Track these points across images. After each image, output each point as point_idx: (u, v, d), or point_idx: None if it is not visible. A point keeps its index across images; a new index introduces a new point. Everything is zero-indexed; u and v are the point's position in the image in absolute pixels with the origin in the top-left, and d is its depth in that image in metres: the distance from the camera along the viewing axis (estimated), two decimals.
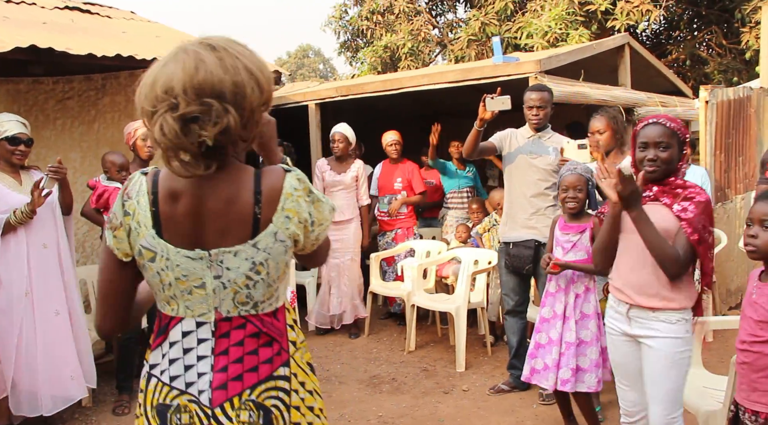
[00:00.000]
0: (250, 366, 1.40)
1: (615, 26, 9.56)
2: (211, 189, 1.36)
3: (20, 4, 5.75)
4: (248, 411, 1.38)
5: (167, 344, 1.42)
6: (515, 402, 3.96)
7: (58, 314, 3.54)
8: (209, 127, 1.27)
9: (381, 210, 5.79)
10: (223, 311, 1.40)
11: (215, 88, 1.27)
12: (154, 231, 1.37)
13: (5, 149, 3.46)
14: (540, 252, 3.85)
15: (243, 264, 1.37)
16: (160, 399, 1.41)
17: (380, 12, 13.00)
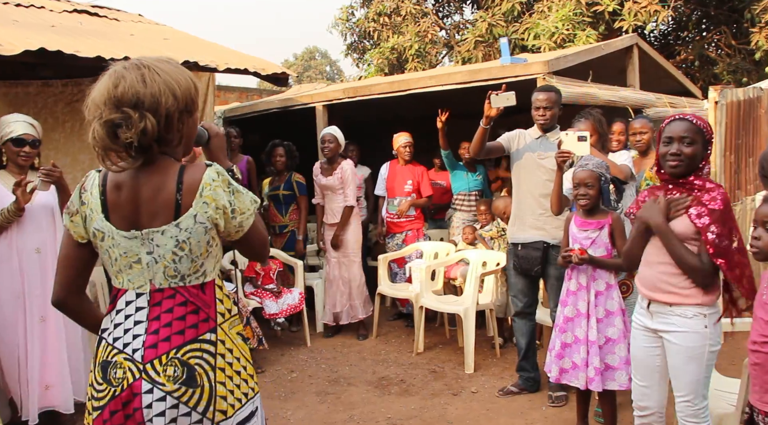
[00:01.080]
0: (178, 329, 1.65)
1: (623, 27, 9.52)
2: (145, 180, 1.66)
3: (29, 7, 5.78)
4: (173, 367, 1.62)
5: (114, 312, 1.70)
6: (524, 404, 3.94)
7: (43, 320, 3.48)
8: (126, 131, 1.57)
9: (389, 211, 5.77)
10: (156, 283, 1.68)
11: (132, 99, 1.57)
12: (103, 216, 1.67)
13: (11, 150, 3.44)
14: (549, 254, 3.84)
15: (169, 242, 1.65)
16: (104, 357, 1.67)
17: (387, 14, 12.99)
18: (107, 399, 1.62)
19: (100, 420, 1.63)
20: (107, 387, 1.63)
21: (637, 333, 2.65)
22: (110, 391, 1.62)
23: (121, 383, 1.62)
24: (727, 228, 2.35)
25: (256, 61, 5.25)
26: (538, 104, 3.84)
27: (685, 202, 2.43)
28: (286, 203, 5.57)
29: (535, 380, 4.10)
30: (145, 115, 1.57)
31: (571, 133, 3.41)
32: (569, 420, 3.60)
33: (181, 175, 1.66)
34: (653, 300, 2.53)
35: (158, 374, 1.61)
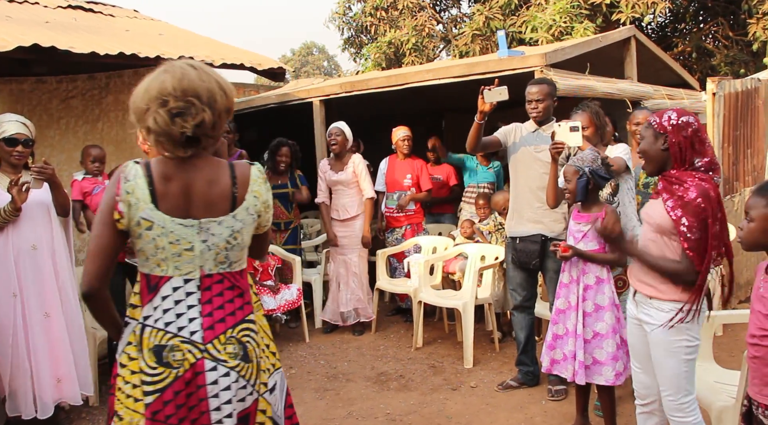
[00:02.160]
0: (229, 311, 1.80)
1: (620, 19, 9.49)
2: (195, 174, 1.78)
3: (23, 3, 5.75)
4: (232, 345, 1.78)
5: (159, 298, 1.76)
6: (524, 398, 3.93)
7: (47, 316, 3.48)
8: (189, 120, 1.69)
9: (388, 206, 5.75)
10: (206, 269, 1.80)
11: (195, 91, 1.70)
12: (153, 206, 1.74)
13: (4, 150, 3.42)
14: (547, 247, 3.83)
15: (225, 231, 1.79)
16: (155, 342, 1.73)
17: (384, 8, 12.94)
18: (169, 380, 1.71)
19: (159, 401, 1.70)
20: (166, 369, 1.72)
21: (629, 322, 2.69)
22: (171, 373, 1.72)
23: (182, 364, 1.72)
24: (700, 220, 2.31)
25: (253, 56, 5.23)
26: (531, 97, 3.83)
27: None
28: (291, 200, 5.55)
29: (534, 374, 4.09)
30: (203, 108, 1.71)
31: (564, 124, 3.40)
32: (569, 413, 3.60)
33: (233, 170, 1.83)
34: (637, 291, 2.57)
35: (219, 352, 1.76)
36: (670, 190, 2.40)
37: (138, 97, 1.73)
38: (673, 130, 2.40)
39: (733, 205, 5.32)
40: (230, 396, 1.75)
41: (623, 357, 3.15)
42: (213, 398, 1.74)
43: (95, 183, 4.00)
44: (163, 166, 1.77)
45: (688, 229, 2.31)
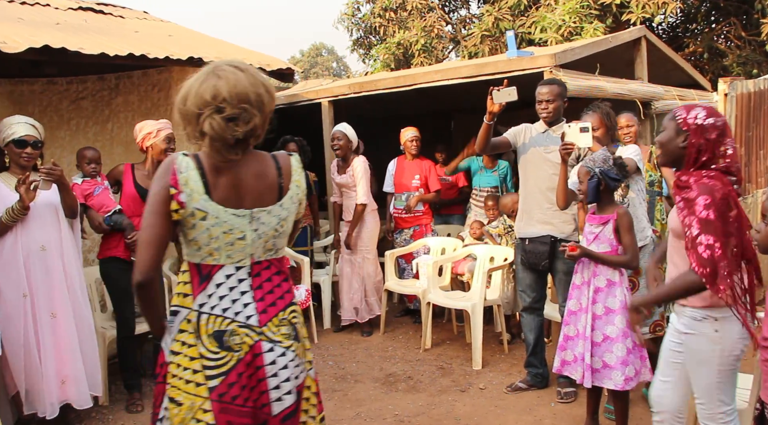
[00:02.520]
0: (279, 295, 1.91)
1: (630, 19, 9.43)
2: (244, 168, 1.87)
3: (35, 5, 5.78)
4: (285, 326, 1.90)
5: (212, 286, 1.84)
6: (533, 400, 3.91)
7: (54, 316, 3.49)
8: (242, 125, 1.78)
9: (396, 207, 5.74)
10: (256, 257, 1.89)
11: (248, 97, 1.78)
12: (207, 197, 1.81)
13: (13, 152, 3.45)
14: (556, 248, 3.81)
15: (273, 220, 1.90)
16: (215, 327, 1.82)
17: (393, 9, 12.94)
18: (232, 363, 1.80)
19: (225, 384, 1.79)
20: (228, 353, 1.81)
21: (669, 330, 2.58)
22: (233, 356, 1.81)
23: (241, 347, 1.82)
24: (698, 219, 2.18)
25: (261, 57, 5.23)
26: (541, 97, 3.81)
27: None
28: None
29: (543, 376, 4.07)
30: (255, 113, 1.79)
31: (574, 125, 3.38)
32: (578, 416, 3.57)
33: (277, 162, 1.94)
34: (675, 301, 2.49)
35: (274, 334, 1.87)
36: (679, 194, 2.36)
37: (189, 100, 1.78)
38: (696, 130, 2.26)
39: (745, 206, 5.27)
40: (288, 375, 1.87)
41: (635, 362, 3.11)
42: (272, 377, 1.84)
43: (95, 184, 4.01)
44: (213, 159, 1.83)
45: (688, 228, 2.21)
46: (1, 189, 3.43)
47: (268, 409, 1.85)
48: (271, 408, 1.85)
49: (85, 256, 4.83)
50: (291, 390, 1.88)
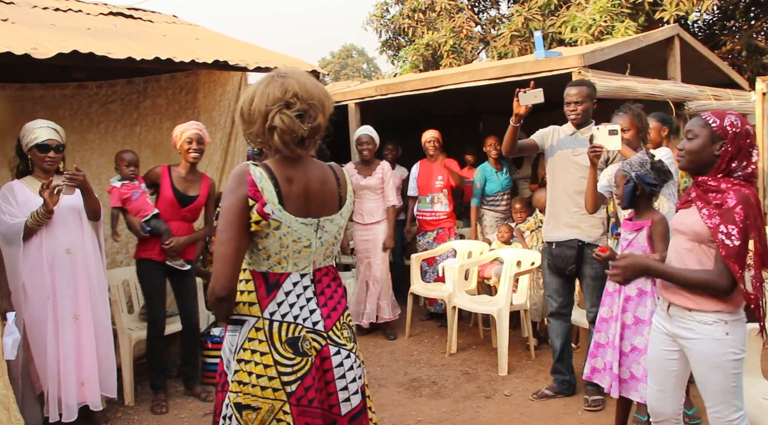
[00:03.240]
0: (337, 299, 2.00)
1: (664, 17, 9.22)
2: (311, 175, 1.94)
3: (67, 11, 5.87)
4: (346, 330, 2.00)
5: (282, 294, 1.90)
6: (559, 408, 3.83)
7: (77, 319, 3.56)
8: (308, 121, 1.86)
9: (421, 209, 5.71)
10: (317, 264, 1.97)
11: (313, 96, 1.87)
12: (281, 206, 1.85)
13: (36, 156, 3.51)
14: (584, 253, 3.73)
15: (334, 228, 1.97)
16: (288, 334, 1.88)
17: (422, 10, 12.89)
18: (307, 368, 1.88)
19: (302, 388, 1.86)
20: (303, 358, 1.88)
21: (655, 336, 2.53)
22: (308, 361, 1.88)
23: (311, 351, 1.90)
24: (740, 227, 2.17)
25: (287, 60, 5.24)
26: (569, 99, 3.73)
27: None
28: None
29: (570, 383, 3.98)
30: (319, 113, 1.88)
31: (602, 128, 3.30)
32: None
33: (335, 171, 2.03)
34: (672, 304, 2.41)
35: (339, 337, 1.96)
36: (704, 198, 2.28)
37: (256, 100, 1.86)
38: (734, 137, 2.25)
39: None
40: (354, 376, 1.97)
41: None
42: (340, 379, 1.94)
43: (132, 188, 4.06)
44: (282, 168, 1.89)
45: (726, 236, 2.19)
46: (26, 192, 3.49)
47: (336, 409, 1.94)
48: (339, 409, 1.94)
49: (113, 258, 4.90)
50: (357, 391, 1.97)
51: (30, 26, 4.68)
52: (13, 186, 3.50)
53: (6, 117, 4.50)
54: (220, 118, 5.69)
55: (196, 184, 4.13)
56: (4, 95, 4.50)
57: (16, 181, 3.55)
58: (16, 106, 4.54)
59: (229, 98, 5.74)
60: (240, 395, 1.86)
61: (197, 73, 5.41)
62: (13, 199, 3.45)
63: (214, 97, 5.63)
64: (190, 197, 4.08)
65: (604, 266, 3.76)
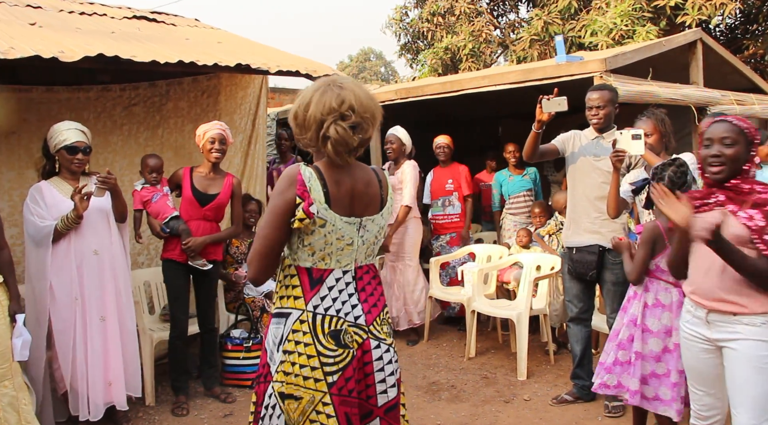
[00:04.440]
0: (377, 297, 2.09)
1: (686, 22, 9.13)
2: (357, 177, 2.04)
3: (92, 15, 5.96)
4: (386, 325, 2.10)
5: (325, 289, 1.99)
6: (579, 413, 3.81)
7: (103, 320, 3.60)
8: (360, 133, 1.96)
9: (434, 213, 5.72)
10: (359, 261, 2.06)
11: (367, 108, 1.96)
12: (327, 206, 1.95)
13: (64, 158, 3.56)
14: (604, 258, 3.71)
15: (375, 228, 2.07)
16: (331, 327, 1.97)
17: (441, 13, 12.87)
18: (348, 359, 1.97)
19: (342, 378, 1.95)
20: (345, 350, 1.97)
21: (693, 345, 2.48)
22: (349, 353, 1.97)
23: (353, 345, 1.98)
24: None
25: (308, 63, 5.26)
26: (591, 103, 3.72)
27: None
28: None
29: (590, 389, 3.96)
30: (371, 125, 1.98)
31: (625, 132, 3.28)
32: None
33: (377, 173, 2.12)
34: (713, 310, 2.37)
35: (379, 332, 2.05)
36: (737, 201, 2.27)
37: (312, 108, 1.93)
38: (758, 140, 2.37)
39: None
40: (392, 369, 2.05)
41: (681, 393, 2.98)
42: (378, 372, 2.02)
43: (154, 191, 4.12)
44: (331, 170, 2.00)
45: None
46: (54, 194, 3.54)
47: (374, 401, 2.02)
48: (376, 400, 2.02)
49: (135, 259, 4.95)
50: (394, 384, 2.06)
51: (57, 30, 4.76)
52: (42, 187, 3.56)
53: (32, 119, 4.58)
54: (241, 121, 5.74)
55: (217, 183, 4.15)
56: (30, 97, 4.58)
57: (44, 182, 3.60)
58: (42, 109, 4.62)
59: (249, 101, 5.78)
60: (284, 385, 1.95)
61: (219, 76, 5.46)
62: (41, 201, 3.50)
63: (235, 100, 5.68)
64: (210, 196, 4.10)
65: (624, 271, 3.74)
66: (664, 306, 3.03)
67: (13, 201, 4.49)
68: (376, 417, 2.03)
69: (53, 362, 3.58)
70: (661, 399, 3.03)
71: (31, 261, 3.57)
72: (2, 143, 4.47)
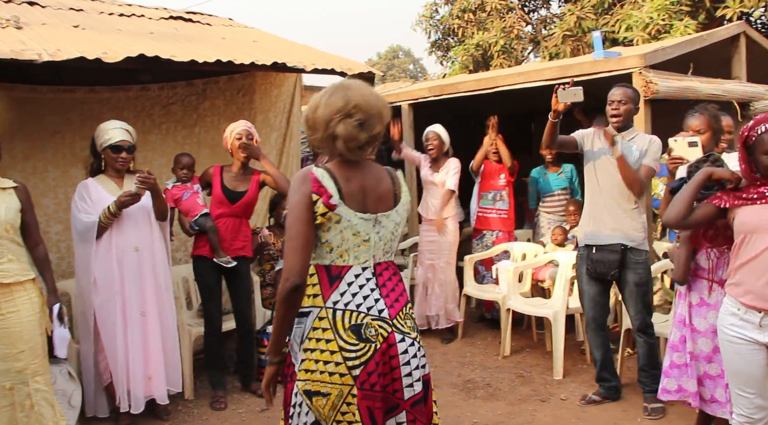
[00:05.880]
0: (399, 292, 2.10)
1: (726, 15, 8.93)
2: (366, 175, 2.08)
3: (131, 17, 6.08)
4: (410, 320, 2.10)
5: (344, 285, 2.01)
6: (617, 414, 3.76)
7: (143, 315, 3.68)
8: (367, 130, 2.01)
9: (482, 206, 5.65)
10: (377, 258, 2.07)
11: (373, 106, 2.02)
12: (341, 201, 1.99)
13: (109, 156, 3.65)
14: (626, 257, 3.67)
15: (390, 224, 2.09)
16: (351, 322, 1.98)
17: (472, 10, 12.81)
18: (371, 353, 1.97)
19: (365, 372, 1.96)
20: (366, 344, 1.97)
21: (741, 348, 2.44)
22: (371, 347, 1.97)
23: (377, 339, 1.98)
24: None
25: (343, 61, 5.29)
26: (613, 98, 3.70)
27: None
28: None
29: (616, 388, 3.95)
30: (378, 122, 2.03)
31: (681, 139, 3.20)
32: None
33: (390, 172, 2.16)
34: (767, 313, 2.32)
35: (403, 326, 2.05)
36: None
37: (320, 109, 2.01)
38: None
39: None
40: (417, 363, 2.05)
41: None
42: (404, 365, 2.01)
43: (183, 189, 4.19)
44: (341, 168, 2.05)
45: None
46: (99, 191, 3.63)
47: (400, 394, 2.02)
48: (402, 394, 2.02)
49: (173, 255, 5.03)
50: (419, 378, 2.05)
51: (99, 32, 4.86)
52: (88, 184, 3.65)
53: (75, 118, 4.69)
54: (276, 119, 5.78)
55: (246, 180, 4.19)
56: (74, 98, 4.69)
57: (90, 179, 3.69)
58: (84, 108, 4.72)
59: (284, 100, 5.83)
60: (309, 383, 1.97)
61: (254, 74, 5.51)
62: (88, 197, 3.59)
63: (270, 98, 5.73)
64: (239, 193, 4.14)
65: (647, 271, 3.68)
66: (709, 305, 2.97)
67: (58, 198, 4.60)
68: (402, 410, 2.03)
69: (97, 354, 3.68)
70: (718, 401, 2.96)
71: (77, 257, 3.68)
72: (48, 142, 4.59)
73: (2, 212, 3.02)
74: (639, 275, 3.67)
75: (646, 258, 3.73)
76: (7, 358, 2.99)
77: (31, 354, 3.07)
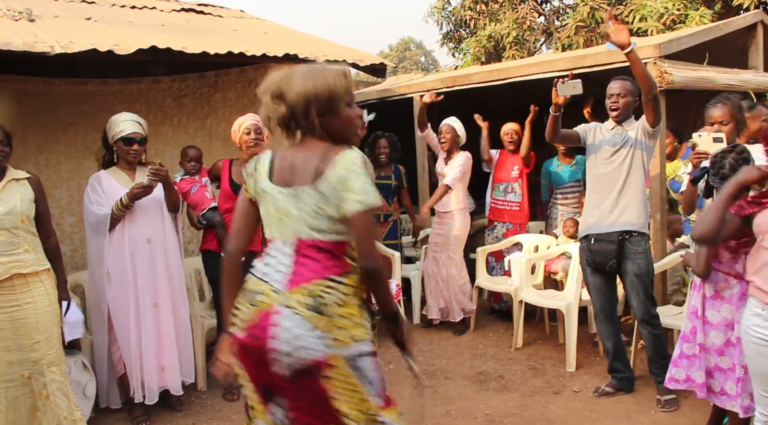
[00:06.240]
0: (317, 270, 1.99)
1: (743, 4, 8.80)
2: (298, 152, 2.07)
3: (142, 8, 6.09)
4: (309, 297, 1.95)
5: (266, 255, 2.09)
6: (631, 406, 3.74)
7: (156, 306, 3.70)
8: (271, 112, 2.08)
9: (494, 197, 5.63)
10: (301, 235, 2.02)
11: (269, 89, 2.07)
12: (268, 178, 2.09)
13: (121, 148, 3.66)
14: (625, 247, 3.66)
15: (310, 201, 2.01)
16: (252, 287, 2.04)
17: (483, 1, 12.71)
18: (253, 317, 2.00)
19: (248, 336, 2.00)
20: (254, 309, 2.00)
21: (766, 350, 2.39)
22: (255, 312, 2.00)
23: (261, 305, 1.99)
24: None
25: (354, 53, 5.27)
26: (612, 91, 3.71)
27: None
28: (393, 192, 5.62)
29: (629, 379, 3.92)
30: (278, 104, 2.04)
31: (705, 135, 3.16)
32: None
33: (327, 149, 2.05)
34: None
35: (296, 301, 1.95)
36: None
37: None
38: None
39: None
40: (289, 338, 1.92)
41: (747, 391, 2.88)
42: (272, 339, 1.94)
43: (192, 182, 4.17)
44: (289, 149, 2.11)
45: None
46: (111, 183, 3.65)
47: (271, 367, 1.98)
48: (273, 367, 1.98)
49: (185, 247, 5.06)
50: (290, 354, 1.93)
51: (111, 24, 4.88)
52: (100, 176, 3.67)
53: (88, 111, 4.71)
54: None
55: None
56: (86, 90, 4.71)
57: (102, 171, 3.70)
58: (97, 100, 4.75)
59: None
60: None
61: (265, 66, 5.48)
62: (100, 189, 3.61)
63: None
64: None
65: (647, 261, 3.65)
66: (723, 298, 2.93)
67: (71, 190, 4.64)
68: (278, 390, 2.02)
69: (111, 346, 3.70)
70: (727, 393, 2.93)
71: (90, 249, 3.70)
72: (60, 135, 4.62)
73: (18, 203, 3.04)
74: (638, 265, 3.65)
75: (646, 248, 3.71)
76: (24, 348, 3.02)
77: (47, 345, 3.09)
